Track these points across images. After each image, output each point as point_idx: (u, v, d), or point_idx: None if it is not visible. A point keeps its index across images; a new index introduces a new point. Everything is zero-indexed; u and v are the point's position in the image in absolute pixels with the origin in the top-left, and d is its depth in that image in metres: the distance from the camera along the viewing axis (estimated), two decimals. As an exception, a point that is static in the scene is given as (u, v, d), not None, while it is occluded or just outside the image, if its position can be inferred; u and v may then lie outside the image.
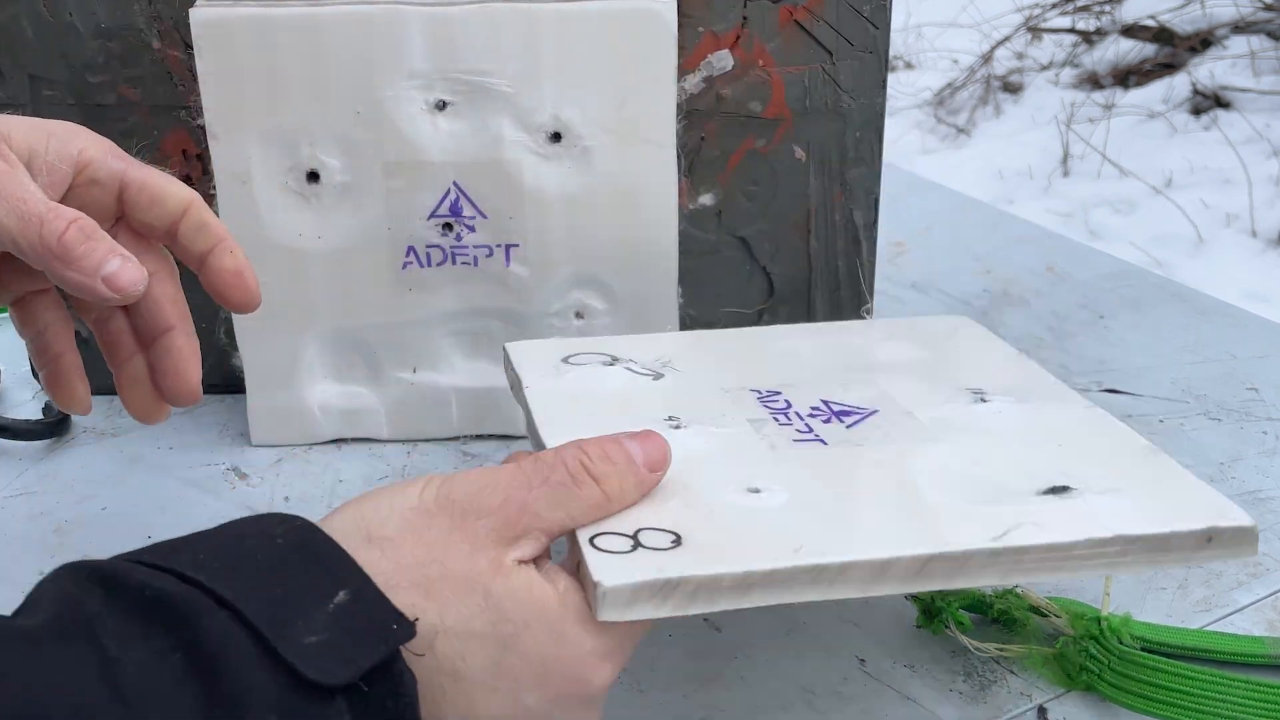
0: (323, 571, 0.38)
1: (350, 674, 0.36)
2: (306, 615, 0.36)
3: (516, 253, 0.66)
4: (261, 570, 0.37)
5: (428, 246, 0.65)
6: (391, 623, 0.38)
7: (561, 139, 0.64)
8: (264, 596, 0.36)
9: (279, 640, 0.35)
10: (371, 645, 0.37)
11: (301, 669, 0.35)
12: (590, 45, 0.62)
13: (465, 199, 0.64)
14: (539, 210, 0.65)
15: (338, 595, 0.37)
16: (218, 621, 0.35)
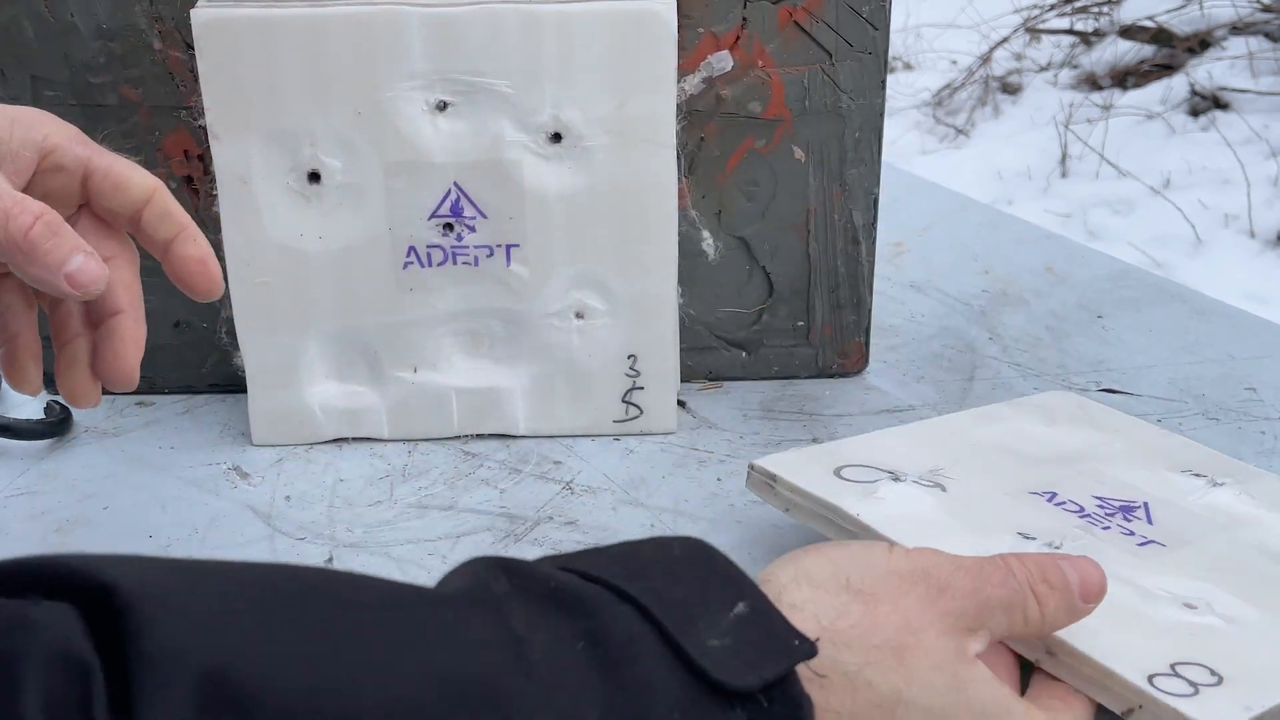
0: (722, 582, 0.38)
1: (755, 681, 0.36)
2: (708, 619, 0.36)
3: (517, 253, 0.66)
4: (661, 575, 0.37)
5: (428, 247, 0.65)
6: (793, 639, 0.37)
7: (562, 139, 0.64)
8: (666, 596, 0.36)
9: (684, 637, 0.35)
10: (774, 657, 0.37)
11: (709, 669, 0.35)
12: (590, 46, 0.62)
13: (466, 199, 0.64)
14: (539, 210, 0.65)
15: (737, 606, 0.37)
16: (623, 614, 0.35)
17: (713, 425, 0.71)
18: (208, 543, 0.61)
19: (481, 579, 0.37)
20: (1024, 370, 0.77)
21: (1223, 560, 0.53)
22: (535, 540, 0.61)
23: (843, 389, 0.75)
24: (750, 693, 0.36)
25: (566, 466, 0.67)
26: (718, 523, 0.62)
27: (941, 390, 0.75)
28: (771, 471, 0.57)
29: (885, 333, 0.82)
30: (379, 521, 0.63)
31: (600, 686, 0.34)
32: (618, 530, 0.61)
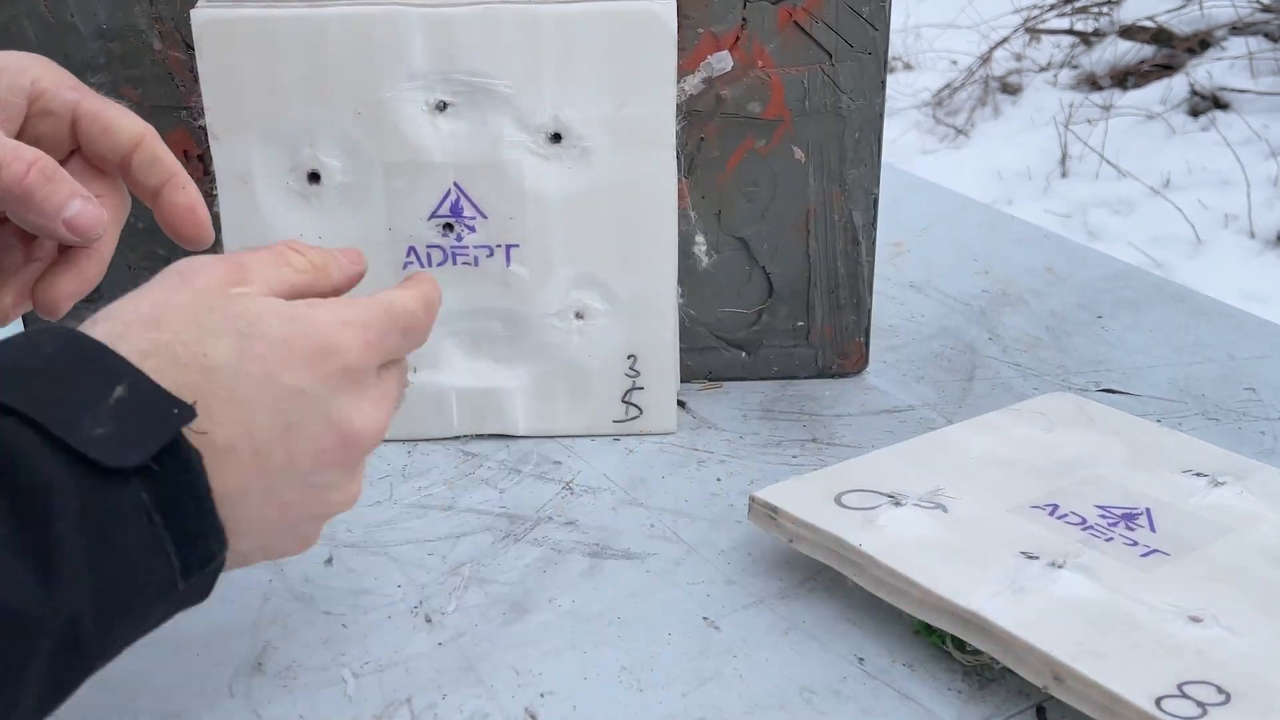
0: (97, 370, 0.39)
1: (141, 456, 0.38)
2: (90, 411, 0.37)
3: (517, 253, 0.66)
4: (38, 377, 0.38)
5: (428, 247, 0.65)
6: (172, 408, 0.39)
7: (561, 140, 0.64)
8: (46, 398, 0.37)
9: (69, 434, 0.36)
10: (156, 429, 0.38)
11: (95, 456, 0.37)
12: (590, 46, 0.62)
13: (466, 199, 0.64)
14: (539, 210, 0.65)
15: (115, 390, 0.38)
16: (5, 426, 0.36)
17: (712, 425, 0.71)
18: (207, 543, 0.61)
19: None
20: (1024, 370, 0.77)
21: (1226, 566, 0.53)
22: (535, 540, 0.61)
23: (843, 389, 0.75)
24: (142, 467, 0.38)
25: (566, 466, 0.67)
26: (717, 523, 0.62)
27: (941, 390, 0.75)
28: (773, 504, 0.57)
29: (885, 333, 0.82)
30: (379, 521, 0.63)
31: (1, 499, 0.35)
32: (618, 530, 0.61)
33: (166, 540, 0.39)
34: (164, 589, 0.40)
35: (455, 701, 0.50)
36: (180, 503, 0.39)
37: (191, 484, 0.39)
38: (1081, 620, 0.49)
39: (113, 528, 0.37)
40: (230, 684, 0.51)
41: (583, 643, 0.54)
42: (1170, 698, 0.44)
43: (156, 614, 0.41)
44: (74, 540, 0.36)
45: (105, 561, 0.37)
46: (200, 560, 0.40)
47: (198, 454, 0.40)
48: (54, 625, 0.36)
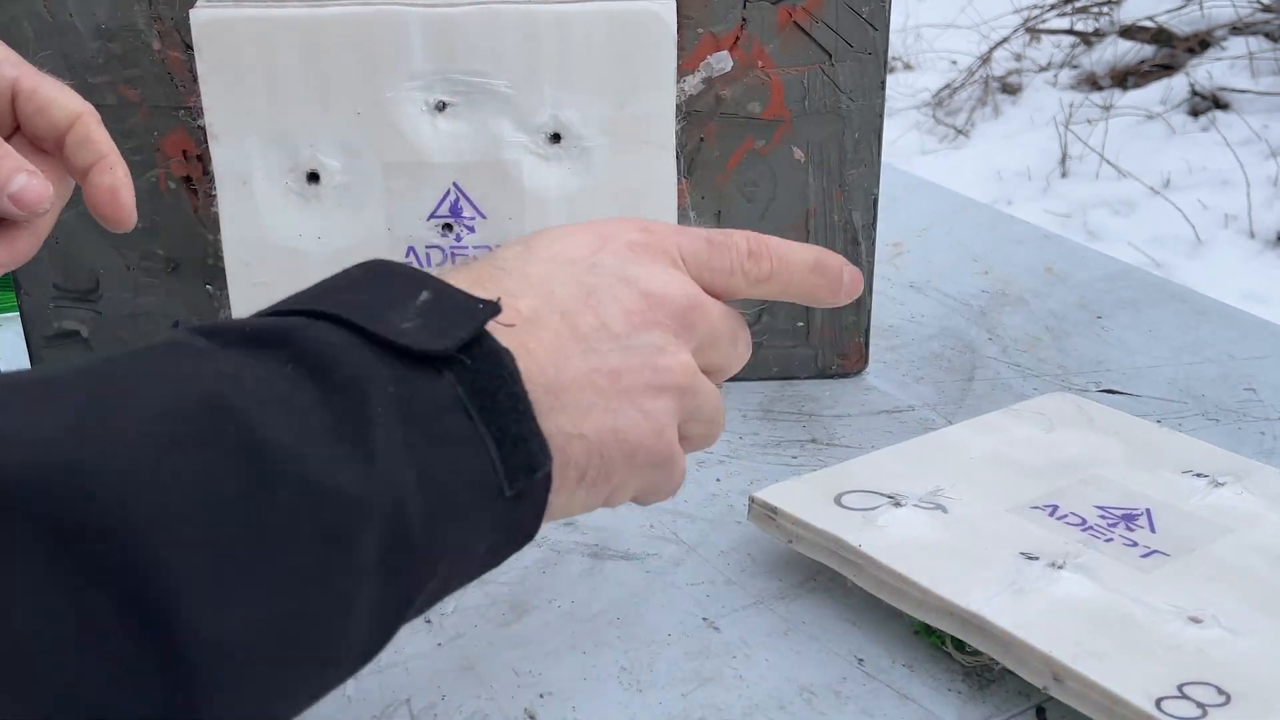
0: (404, 281, 0.39)
1: (449, 344, 0.37)
2: (397, 310, 0.38)
3: None
4: (345, 289, 0.39)
5: (427, 247, 0.65)
6: (476, 304, 0.39)
7: (561, 140, 0.64)
8: (354, 303, 0.37)
9: (379, 328, 0.36)
10: (462, 323, 0.38)
11: (405, 344, 0.36)
12: (590, 46, 0.62)
13: (465, 199, 0.64)
14: (539, 211, 0.65)
15: (421, 295, 0.38)
16: (318, 329, 0.36)
17: (712, 426, 0.71)
18: (207, 543, 0.61)
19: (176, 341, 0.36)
20: (1023, 371, 0.77)
21: (1227, 566, 0.52)
22: (534, 541, 0.61)
23: (842, 389, 0.75)
24: (451, 356, 0.37)
25: (566, 467, 0.67)
26: (717, 523, 0.62)
27: (941, 390, 0.75)
28: (772, 504, 0.57)
29: (885, 333, 0.82)
30: (378, 522, 0.62)
31: (316, 390, 0.34)
32: (617, 530, 0.61)
33: (486, 436, 0.37)
34: (489, 493, 0.37)
35: (455, 702, 0.50)
36: (496, 398, 0.38)
37: (506, 380, 0.38)
38: (1081, 621, 0.49)
39: (430, 418, 0.36)
40: (229, 684, 0.51)
41: (582, 643, 0.54)
42: (1170, 698, 0.44)
43: (486, 528, 0.38)
44: (392, 428, 0.35)
45: (425, 451, 0.36)
46: (524, 466, 0.38)
47: (509, 353, 0.38)
48: (378, 508, 0.34)
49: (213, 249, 0.71)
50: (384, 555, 0.34)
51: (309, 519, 0.32)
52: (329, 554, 0.33)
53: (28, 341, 0.74)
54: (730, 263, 0.46)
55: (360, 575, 0.34)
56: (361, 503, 0.33)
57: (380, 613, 0.36)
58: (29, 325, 0.73)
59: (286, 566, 0.32)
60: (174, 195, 0.70)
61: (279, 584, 0.32)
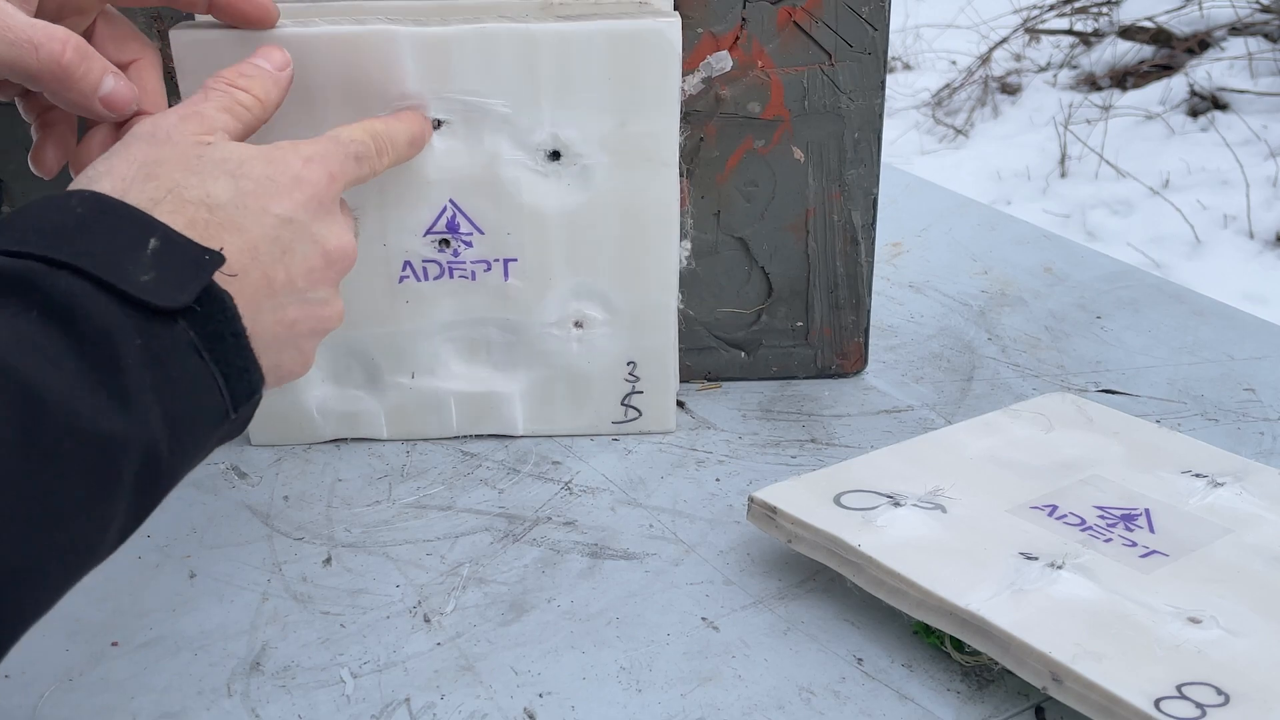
0: (129, 225, 0.43)
1: (187, 298, 0.43)
2: (132, 261, 0.42)
3: (515, 267, 0.65)
4: (78, 233, 0.42)
5: (424, 261, 0.65)
6: (204, 255, 0.44)
7: (560, 157, 0.63)
8: (91, 252, 0.41)
9: (121, 282, 0.41)
10: (194, 274, 0.43)
11: (147, 299, 0.41)
12: (591, 65, 0.61)
13: (462, 215, 0.64)
14: (537, 226, 0.64)
15: (150, 243, 0.43)
16: (61, 279, 0.40)
17: (711, 426, 0.71)
18: (206, 542, 0.61)
19: None
20: (1023, 371, 0.77)
21: (1226, 567, 0.52)
22: (534, 540, 0.61)
23: (841, 389, 0.75)
24: (187, 307, 0.43)
25: (565, 467, 0.67)
26: (716, 523, 0.62)
27: (940, 391, 0.75)
28: (771, 504, 0.57)
29: (884, 333, 0.82)
30: (377, 521, 0.63)
31: (68, 340, 0.39)
32: (617, 530, 0.61)
33: (216, 374, 0.44)
34: (218, 419, 0.45)
35: (454, 702, 0.50)
36: (223, 339, 0.44)
37: (230, 321, 0.45)
38: (1080, 621, 0.49)
39: (171, 363, 0.42)
40: (228, 684, 0.51)
41: (581, 643, 0.54)
42: (1169, 699, 0.44)
43: (211, 443, 0.45)
44: (140, 374, 0.40)
45: (169, 393, 0.41)
46: (245, 392, 0.46)
47: (229, 296, 0.45)
48: (136, 449, 0.40)
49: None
50: (137, 483, 0.41)
51: (82, 462, 0.38)
52: (98, 488, 0.39)
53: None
54: (370, 168, 0.56)
55: (118, 500, 0.40)
56: (123, 444, 0.39)
57: (129, 524, 0.42)
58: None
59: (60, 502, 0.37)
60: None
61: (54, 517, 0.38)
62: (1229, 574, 0.52)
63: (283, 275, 0.49)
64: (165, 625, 0.55)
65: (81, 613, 0.56)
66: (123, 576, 0.58)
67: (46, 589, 0.39)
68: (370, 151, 0.56)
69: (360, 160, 0.55)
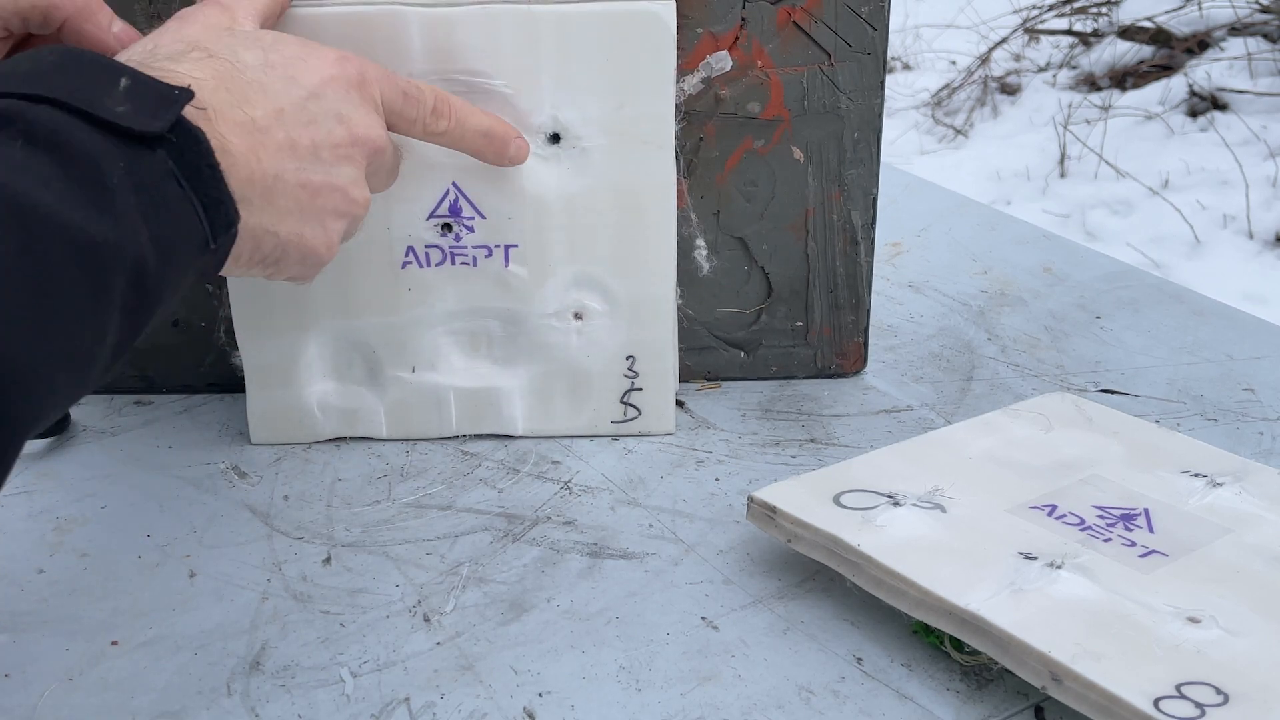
0: (99, 68, 0.45)
1: (162, 124, 0.44)
2: (107, 94, 0.43)
3: (515, 253, 0.66)
4: (54, 74, 0.43)
5: (426, 247, 0.65)
6: (172, 90, 0.45)
7: (560, 140, 0.64)
8: (68, 87, 0.42)
9: (99, 110, 0.42)
10: (166, 106, 0.45)
11: (127, 124, 0.43)
12: (589, 47, 0.62)
13: (464, 199, 0.64)
14: (538, 210, 0.65)
15: (121, 81, 0.44)
16: (41, 111, 0.41)
17: (711, 425, 0.71)
18: (205, 541, 0.61)
19: None
20: (1022, 371, 0.77)
21: (1225, 567, 0.53)
22: (533, 540, 0.61)
23: (841, 389, 0.75)
24: (161, 135, 0.44)
25: (565, 466, 0.67)
26: (716, 522, 0.62)
27: (940, 391, 0.75)
28: (771, 504, 0.57)
29: (883, 333, 0.82)
30: (377, 521, 0.63)
31: (54, 164, 0.40)
32: (616, 530, 0.61)
33: (195, 200, 0.45)
34: (199, 245, 0.46)
35: (453, 701, 0.50)
36: (199, 170, 0.45)
37: (205, 154, 0.46)
38: (1080, 621, 0.49)
39: (152, 187, 0.43)
40: (228, 683, 0.51)
41: (581, 642, 0.54)
42: (1168, 699, 0.44)
43: (191, 272, 0.47)
44: (125, 194, 0.42)
45: (153, 214, 0.43)
46: (224, 223, 0.47)
47: (203, 131, 0.46)
48: (126, 259, 0.41)
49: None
50: (127, 298, 0.42)
51: (77, 269, 0.39)
52: (94, 295, 0.40)
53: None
54: (416, 113, 0.57)
55: (112, 312, 0.41)
56: (115, 253, 0.41)
57: (120, 343, 0.43)
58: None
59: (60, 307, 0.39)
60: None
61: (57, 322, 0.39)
62: (1228, 574, 0.52)
63: (308, 141, 0.51)
64: (165, 625, 0.55)
65: (81, 612, 0.56)
66: (123, 576, 0.58)
67: (54, 393, 0.40)
68: (424, 99, 0.57)
69: (407, 96, 0.56)
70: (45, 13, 0.54)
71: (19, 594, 0.57)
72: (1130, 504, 0.57)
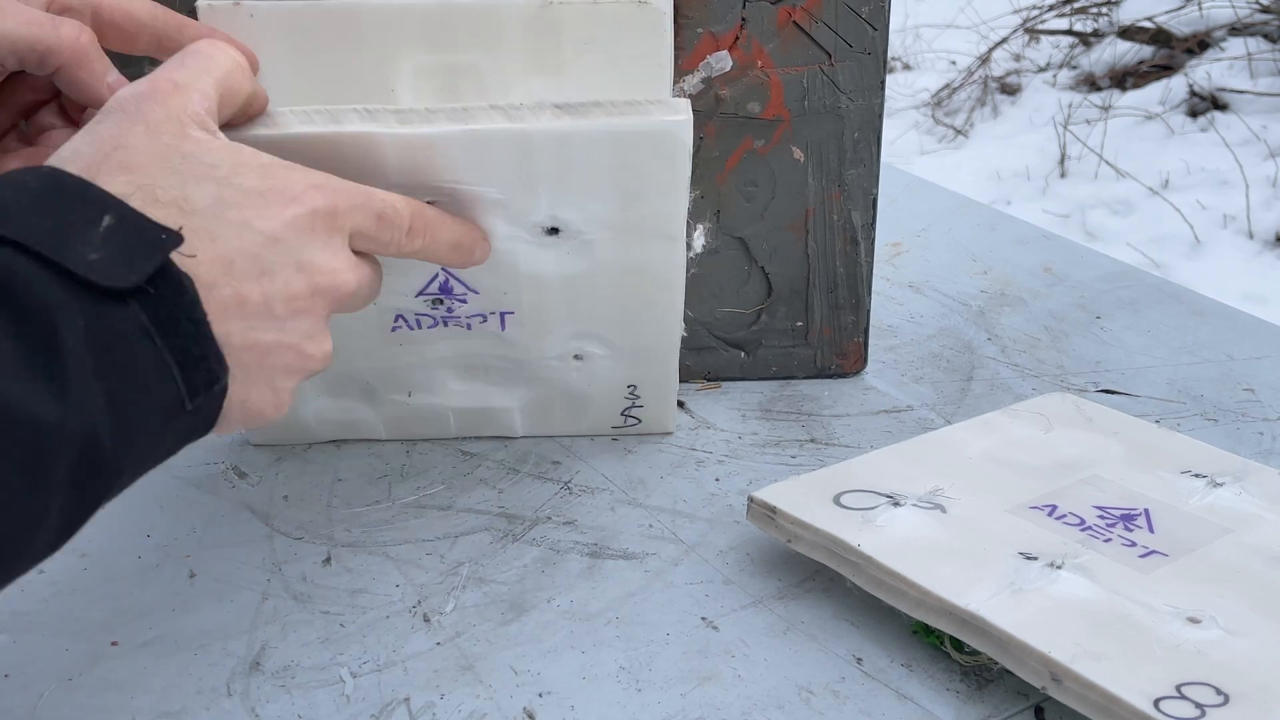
0: (84, 202, 0.41)
1: (136, 278, 0.40)
2: (82, 238, 0.39)
3: (512, 319, 0.62)
4: (28, 209, 0.39)
5: (417, 314, 0.62)
6: (160, 234, 0.41)
7: (560, 233, 0.59)
8: (39, 227, 0.39)
9: (65, 259, 0.38)
10: (147, 253, 0.41)
11: (92, 278, 0.39)
12: (593, 164, 0.56)
13: (455, 279, 0.61)
14: (535, 287, 0.61)
15: (104, 220, 0.40)
16: (2, 254, 0.38)
17: (711, 425, 0.71)
18: (205, 542, 0.61)
19: None
20: (1022, 371, 0.77)
21: (1225, 567, 0.53)
22: (533, 540, 0.61)
23: (841, 389, 0.75)
24: (137, 288, 0.40)
25: (565, 466, 0.67)
26: (716, 523, 0.62)
27: (940, 391, 0.75)
28: (771, 504, 0.57)
29: (884, 333, 0.82)
30: (377, 521, 0.63)
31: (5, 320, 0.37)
32: (616, 530, 0.61)
33: (169, 360, 0.41)
34: (172, 410, 0.41)
35: (453, 701, 0.50)
36: (178, 323, 0.41)
37: (188, 306, 0.42)
38: (1080, 621, 0.49)
39: (117, 347, 0.39)
40: (228, 683, 0.51)
41: (581, 642, 0.54)
42: (1168, 699, 0.44)
43: (169, 438, 0.42)
44: (81, 357, 0.38)
45: (113, 379, 0.39)
46: (205, 381, 0.42)
47: (189, 278, 0.42)
48: (72, 436, 0.37)
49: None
50: (75, 475, 0.38)
51: (13, 447, 0.36)
52: (25, 480, 0.36)
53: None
54: (391, 237, 0.51)
55: (53, 493, 0.37)
56: (57, 431, 0.37)
57: (67, 521, 0.39)
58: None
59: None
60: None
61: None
62: (1228, 574, 0.52)
63: (258, 296, 0.45)
64: (165, 625, 0.55)
65: (81, 613, 0.56)
66: (123, 576, 0.58)
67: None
68: (399, 219, 0.51)
69: (382, 219, 0.50)
70: (41, 56, 0.50)
71: (19, 594, 0.57)
72: (1130, 504, 0.57)
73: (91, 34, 0.52)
